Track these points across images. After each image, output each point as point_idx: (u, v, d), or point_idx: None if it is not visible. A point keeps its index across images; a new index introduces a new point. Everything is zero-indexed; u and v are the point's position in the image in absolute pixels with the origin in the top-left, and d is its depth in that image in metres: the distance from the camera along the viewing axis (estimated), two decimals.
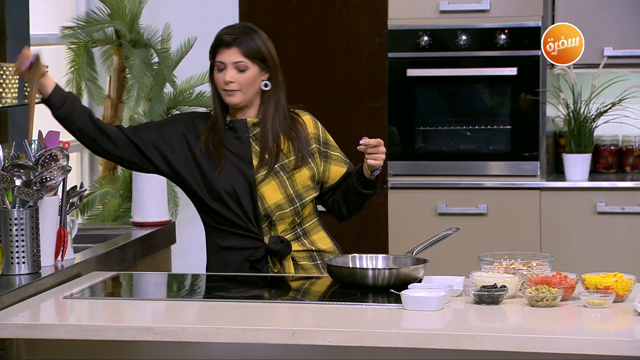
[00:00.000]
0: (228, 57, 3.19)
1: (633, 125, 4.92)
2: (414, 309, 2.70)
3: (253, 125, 3.24)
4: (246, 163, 3.21)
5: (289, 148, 3.23)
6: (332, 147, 3.31)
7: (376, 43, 5.00)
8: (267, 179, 3.20)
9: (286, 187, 3.21)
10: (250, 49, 3.19)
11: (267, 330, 2.56)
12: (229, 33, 3.21)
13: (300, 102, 5.14)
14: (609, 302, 2.70)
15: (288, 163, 3.22)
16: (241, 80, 3.19)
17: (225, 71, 3.20)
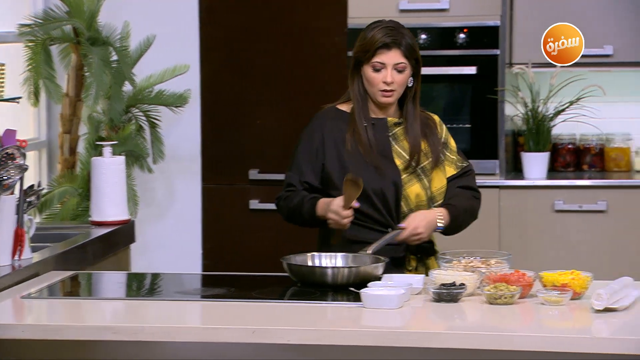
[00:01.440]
0: (390, 58, 3.20)
1: (590, 124, 4.96)
2: (374, 307, 2.71)
3: (394, 125, 3.27)
4: (389, 163, 3.24)
5: (426, 149, 3.26)
6: (450, 149, 3.31)
7: (337, 42, 5.01)
8: (411, 181, 3.23)
9: (427, 189, 3.24)
10: (409, 49, 3.22)
11: (228, 329, 2.55)
12: (390, 34, 3.20)
13: (262, 101, 5.16)
14: (566, 299, 2.72)
15: (427, 165, 3.25)
16: (399, 81, 3.22)
17: (384, 71, 3.21)
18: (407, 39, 3.21)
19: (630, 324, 2.58)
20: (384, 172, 3.21)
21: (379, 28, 3.21)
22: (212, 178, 5.16)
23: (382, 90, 3.21)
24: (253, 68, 5.10)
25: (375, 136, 3.24)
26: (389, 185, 3.21)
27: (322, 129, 3.30)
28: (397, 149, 3.25)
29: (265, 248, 5.04)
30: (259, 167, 5.12)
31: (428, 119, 3.30)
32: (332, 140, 3.27)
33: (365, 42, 3.22)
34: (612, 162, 5.11)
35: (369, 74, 3.22)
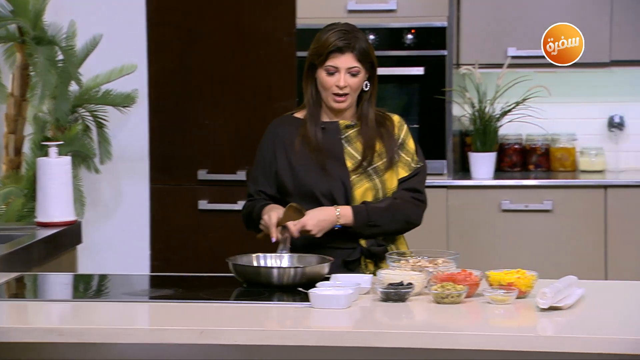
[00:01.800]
0: (343, 62, 3.18)
1: (536, 125, 5.02)
2: (322, 307, 2.71)
3: (345, 128, 3.25)
4: (340, 165, 3.22)
5: (381, 150, 3.24)
6: (406, 150, 3.28)
7: (285, 42, 5.01)
8: (361, 182, 3.21)
9: (378, 190, 3.22)
10: (363, 53, 3.19)
11: (175, 330, 2.55)
12: (343, 38, 3.18)
13: (211, 101, 5.14)
14: (512, 298, 2.75)
15: (380, 165, 3.23)
16: (353, 85, 3.20)
17: (337, 75, 3.18)
18: (361, 43, 3.19)
19: (574, 323, 2.61)
20: (332, 174, 3.21)
21: (333, 31, 3.20)
22: (160, 178, 5.13)
23: (334, 94, 3.19)
24: (201, 68, 5.08)
25: (327, 139, 3.23)
26: (337, 186, 3.20)
27: (274, 136, 3.31)
28: (350, 150, 3.24)
29: (214, 249, 5.03)
30: (208, 168, 5.10)
31: (386, 119, 3.29)
32: (283, 147, 3.27)
33: (319, 45, 3.20)
34: (557, 162, 5.18)
35: (322, 78, 3.21)
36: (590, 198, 4.81)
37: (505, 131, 5.15)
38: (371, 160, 3.22)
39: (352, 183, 3.21)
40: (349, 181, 3.21)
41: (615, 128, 5.21)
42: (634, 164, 5.21)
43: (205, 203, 5.10)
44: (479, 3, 4.96)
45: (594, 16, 4.91)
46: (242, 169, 5.07)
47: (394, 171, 3.25)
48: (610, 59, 4.92)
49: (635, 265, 4.78)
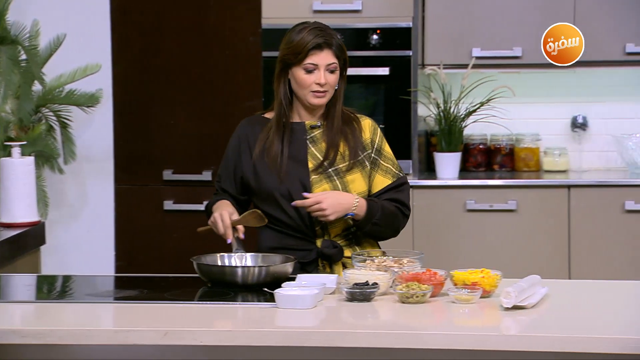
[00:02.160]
0: (322, 59, 3.16)
1: (501, 125, 5.05)
2: (287, 307, 2.71)
3: (311, 128, 3.23)
4: (302, 165, 3.19)
5: (344, 151, 3.21)
6: (384, 156, 3.25)
7: (251, 42, 5.00)
8: (321, 182, 3.18)
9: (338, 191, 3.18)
10: (339, 49, 3.19)
11: (139, 331, 2.54)
12: (321, 35, 3.17)
13: (176, 100, 5.12)
14: (476, 297, 2.77)
15: (342, 167, 3.20)
16: (332, 82, 3.19)
17: (317, 73, 3.16)
18: (336, 39, 3.20)
19: (537, 322, 2.63)
20: (292, 175, 3.19)
21: (308, 29, 3.18)
22: (125, 179, 5.11)
23: (314, 91, 3.18)
24: (166, 68, 5.06)
25: (292, 140, 3.21)
26: (296, 187, 3.18)
27: (240, 137, 3.30)
28: (314, 151, 3.22)
29: (180, 249, 5.01)
30: (173, 168, 5.09)
31: (354, 120, 3.26)
32: (248, 147, 3.26)
33: (295, 44, 3.17)
34: (521, 162, 5.21)
35: (300, 77, 3.17)
36: (553, 198, 4.84)
37: (470, 131, 5.18)
38: (333, 161, 3.20)
39: (312, 183, 3.19)
40: (309, 182, 3.19)
41: (579, 128, 5.26)
42: (597, 164, 5.26)
43: (170, 203, 5.08)
44: (443, 4, 4.99)
45: (557, 17, 4.95)
46: (208, 169, 5.06)
47: (361, 174, 3.21)
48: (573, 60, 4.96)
49: (598, 265, 4.82)
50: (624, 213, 4.81)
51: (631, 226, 4.80)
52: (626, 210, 4.81)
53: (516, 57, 4.99)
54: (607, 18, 4.90)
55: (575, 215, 4.82)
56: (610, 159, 5.25)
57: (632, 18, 4.87)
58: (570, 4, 4.94)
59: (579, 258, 4.82)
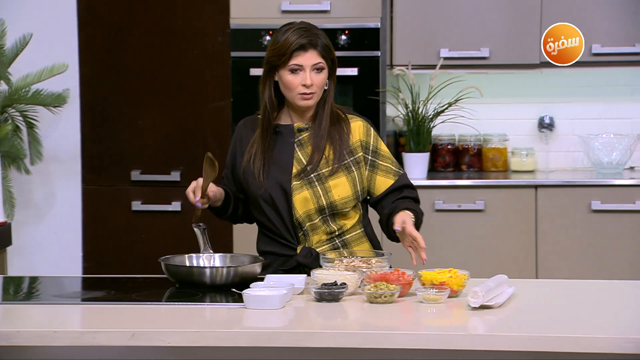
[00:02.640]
0: (307, 59, 3.10)
1: (468, 125, 5.07)
2: (256, 308, 2.71)
3: (298, 131, 3.18)
4: (285, 170, 3.15)
5: (329, 155, 3.15)
6: (382, 156, 3.19)
7: (219, 42, 4.99)
8: (302, 188, 3.13)
9: (319, 198, 3.13)
10: (325, 49, 3.13)
11: (106, 332, 2.52)
12: (305, 35, 3.11)
13: (144, 101, 5.10)
14: (444, 297, 2.78)
15: (325, 172, 3.14)
16: (318, 82, 3.13)
17: (302, 74, 3.11)
18: (322, 39, 3.13)
19: (504, 321, 2.64)
20: (275, 179, 3.15)
21: (293, 30, 3.13)
22: (92, 179, 5.09)
23: (301, 93, 3.11)
24: (134, 68, 5.04)
25: (280, 143, 3.17)
26: (278, 192, 3.15)
27: (235, 139, 3.27)
28: (299, 155, 3.17)
29: (148, 250, 4.99)
30: (141, 168, 5.07)
31: (343, 121, 3.19)
32: (241, 149, 3.23)
33: (279, 45, 3.12)
34: (489, 162, 5.24)
35: (286, 78, 3.12)
36: (521, 198, 4.87)
37: (439, 132, 5.20)
38: (316, 165, 3.15)
39: (292, 189, 3.14)
40: (290, 187, 3.15)
41: (546, 129, 5.29)
42: (564, 164, 5.30)
43: (138, 204, 5.06)
44: (411, 4, 5.00)
45: (523, 18, 4.98)
46: (177, 170, 5.05)
47: (347, 179, 3.15)
48: (540, 61, 4.99)
49: (565, 264, 4.85)
50: (591, 213, 4.84)
51: (597, 226, 4.84)
52: (592, 210, 4.84)
53: (484, 58, 5.01)
54: (573, 20, 4.93)
55: (542, 215, 4.86)
56: (576, 159, 5.30)
57: (598, 20, 4.91)
58: (537, 5, 4.97)
59: (546, 258, 4.85)
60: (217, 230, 4.95)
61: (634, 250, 4.83)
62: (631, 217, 4.83)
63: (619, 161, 5.12)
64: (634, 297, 2.93)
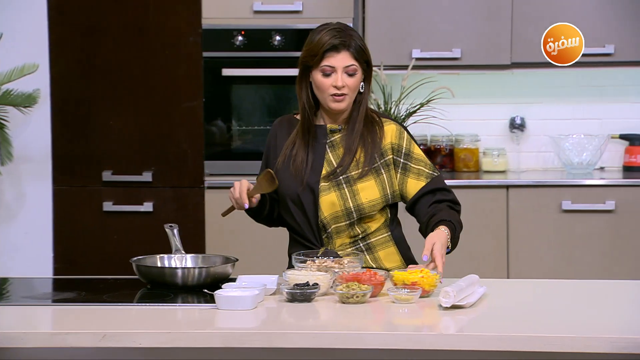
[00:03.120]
0: (340, 61, 3.05)
1: (440, 125, 5.08)
2: (228, 309, 2.71)
3: (331, 132, 3.14)
4: (315, 171, 3.11)
5: (360, 158, 3.10)
6: (415, 159, 3.14)
7: (191, 42, 4.98)
8: (329, 190, 3.09)
9: (346, 200, 3.09)
10: (359, 51, 3.07)
11: (77, 333, 2.51)
12: (338, 36, 3.06)
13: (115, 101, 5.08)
14: (415, 297, 2.78)
15: (354, 174, 3.10)
16: (351, 85, 3.07)
17: (335, 75, 3.06)
18: (356, 41, 3.07)
19: (475, 321, 2.66)
20: (304, 180, 3.11)
21: (326, 30, 3.08)
22: (63, 180, 5.06)
23: (332, 94, 3.07)
24: (105, 68, 5.02)
25: (314, 143, 3.13)
26: (306, 192, 3.12)
27: (271, 136, 3.24)
28: (330, 157, 3.13)
29: (120, 250, 4.97)
30: (113, 169, 5.05)
31: (376, 125, 3.14)
32: (275, 147, 3.20)
33: (313, 45, 3.07)
34: (461, 163, 5.26)
35: (318, 79, 3.07)
36: (492, 198, 4.89)
37: (411, 132, 5.19)
38: (346, 168, 3.10)
39: (320, 190, 3.10)
40: (317, 188, 3.11)
41: (517, 129, 5.32)
42: (535, 164, 5.33)
43: (110, 204, 5.04)
44: (383, 5, 5.01)
45: (494, 19, 5.01)
46: (148, 170, 5.03)
47: (375, 182, 3.11)
48: (511, 61, 5.02)
49: (536, 264, 4.88)
50: (561, 213, 4.88)
51: (568, 226, 4.87)
52: (563, 210, 4.87)
53: (455, 59, 5.03)
54: (542, 21, 4.96)
55: (513, 215, 4.88)
56: (547, 159, 5.33)
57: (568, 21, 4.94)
58: (508, 7, 4.99)
59: (518, 257, 4.88)
60: (189, 231, 4.95)
61: (604, 249, 4.87)
62: (601, 217, 4.86)
63: (589, 161, 5.16)
64: (604, 296, 2.95)
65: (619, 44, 4.93)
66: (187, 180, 5.02)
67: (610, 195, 4.86)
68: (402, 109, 5.08)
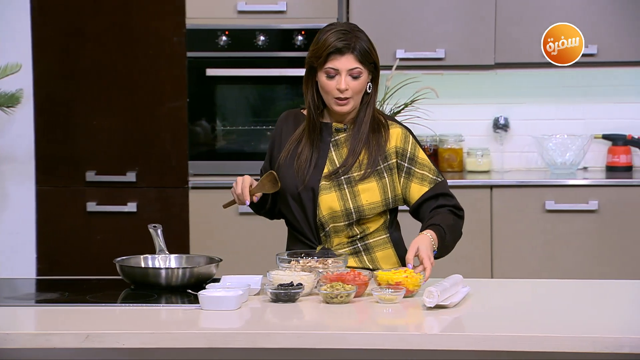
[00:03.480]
0: (343, 64, 3.02)
1: (425, 126, 5.08)
2: (211, 309, 2.70)
3: (336, 131, 3.12)
4: (317, 169, 3.09)
5: (363, 160, 3.08)
6: (419, 164, 3.10)
7: (175, 42, 4.97)
8: (330, 189, 3.07)
9: (346, 201, 3.07)
10: (364, 53, 3.03)
11: (60, 334, 2.51)
12: (343, 39, 3.02)
13: (98, 101, 5.06)
14: (399, 297, 2.79)
15: (356, 176, 3.07)
16: (355, 87, 3.04)
17: (338, 78, 3.02)
18: (362, 43, 3.04)
19: (459, 321, 2.66)
20: (305, 178, 3.09)
21: (332, 32, 3.04)
22: (47, 180, 5.04)
23: (336, 97, 3.04)
24: (89, 68, 5.01)
25: (318, 141, 3.12)
26: (307, 190, 3.10)
27: (275, 131, 3.22)
28: (333, 156, 3.11)
29: (104, 251, 4.96)
30: (96, 169, 5.03)
31: (382, 127, 3.10)
32: (280, 142, 3.18)
33: (318, 46, 3.03)
34: (445, 163, 5.27)
35: (322, 81, 3.04)
36: (476, 198, 4.90)
37: None
38: (349, 168, 3.08)
39: (320, 189, 3.08)
40: (318, 187, 3.09)
41: (500, 129, 5.33)
42: (518, 164, 5.35)
43: (93, 205, 5.02)
44: (367, 5, 5.02)
45: (478, 19, 5.02)
46: (132, 170, 5.02)
47: (377, 185, 3.08)
48: (494, 62, 5.03)
49: (520, 263, 4.89)
50: (545, 212, 4.89)
51: (551, 225, 4.88)
52: (547, 210, 4.89)
53: (439, 59, 5.04)
54: (526, 21, 4.98)
55: (497, 215, 4.89)
56: (531, 159, 5.35)
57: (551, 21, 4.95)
58: (492, 7, 5.01)
59: (501, 257, 4.89)
60: (172, 231, 4.94)
61: (587, 249, 4.88)
62: (584, 216, 4.88)
63: (572, 161, 5.18)
64: (587, 296, 2.96)
65: (602, 45, 4.95)
66: (171, 180, 5.01)
67: (593, 195, 4.88)
68: (386, 109, 5.08)
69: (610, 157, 5.26)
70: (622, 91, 5.32)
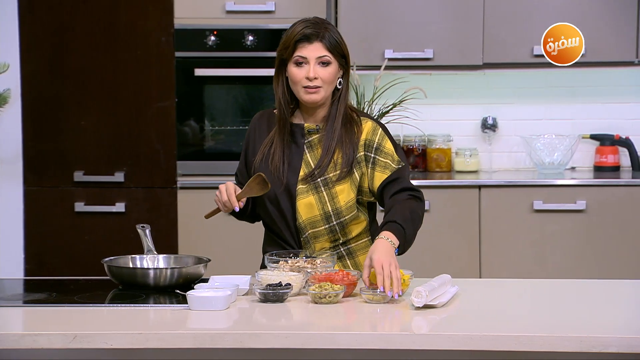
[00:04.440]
0: (312, 52, 2.99)
1: (413, 126, 5.09)
2: (200, 309, 2.70)
3: (308, 133, 3.08)
4: (293, 172, 3.05)
5: (337, 159, 3.04)
6: (384, 153, 3.05)
7: (163, 42, 4.97)
8: (307, 192, 3.04)
9: (325, 204, 3.04)
10: (333, 43, 3.01)
11: (47, 334, 2.50)
12: (311, 27, 3.01)
13: (86, 101, 5.05)
14: (388, 297, 2.79)
15: (332, 177, 3.03)
16: (324, 76, 3.00)
17: (307, 66, 2.99)
18: (331, 34, 3.02)
19: (448, 320, 2.66)
20: (282, 181, 3.06)
21: (301, 22, 3.04)
22: (34, 180, 5.03)
23: (305, 86, 3.00)
24: (77, 68, 5.00)
25: (291, 143, 3.08)
26: (284, 194, 3.07)
27: (249, 132, 3.19)
28: (308, 158, 3.08)
29: (91, 251, 4.95)
30: (84, 169, 5.02)
31: (354, 124, 3.06)
32: (254, 143, 3.16)
33: (286, 37, 3.03)
34: (433, 163, 5.27)
35: (291, 71, 3.01)
36: (464, 198, 4.91)
37: None
38: (324, 170, 3.04)
39: (297, 193, 3.05)
40: (295, 190, 3.06)
41: (489, 129, 5.34)
42: (506, 164, 5.36)
43: (81, 205, 5.01)
44: (356, 5, 5.02)
45: (466, 20, 5.02)
46: (120, 170, 5.01)
47: (349, 184, 3.05)
48: (483, 62, 5.04)
49: (508, 263, 4.90)
50: (533, 212, 4.90)
51: (539, 225, 4.89)
52: (535, 210, 4.90)
53: (427, 59, 5.05)
54: (514, 21, 4.99)
55: (485, 215, 4.90)
56: (519, 159, 5.36)
57: (540, 22, 4.97)
58: (479, 7, 5.02)
59: (489, 257, 4.90)
60: (161, 231, 4.93)
61: (575, 249, 4.90)
62: (572, 216, 4.89)
63: (560, 161, 5.19)
64: (574, 295, 2.97)
65: (590, 45, 4.96)
66: (160, 180, 5.00)
67: (581, 195, 4.89)
68: (375, 109, 5.09)
69: (598, 157, 5.28)
70: (609, 91, 5.34)
